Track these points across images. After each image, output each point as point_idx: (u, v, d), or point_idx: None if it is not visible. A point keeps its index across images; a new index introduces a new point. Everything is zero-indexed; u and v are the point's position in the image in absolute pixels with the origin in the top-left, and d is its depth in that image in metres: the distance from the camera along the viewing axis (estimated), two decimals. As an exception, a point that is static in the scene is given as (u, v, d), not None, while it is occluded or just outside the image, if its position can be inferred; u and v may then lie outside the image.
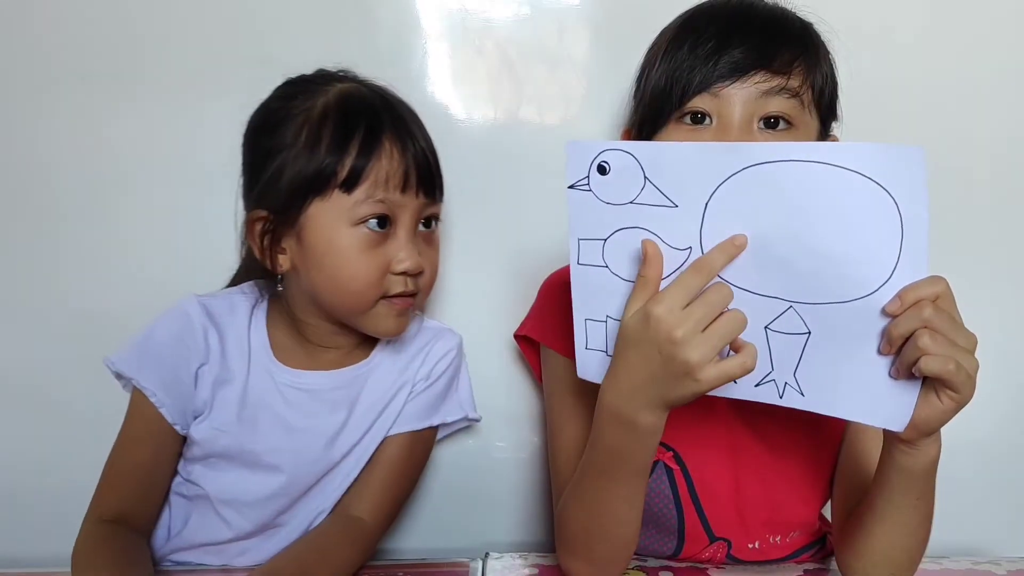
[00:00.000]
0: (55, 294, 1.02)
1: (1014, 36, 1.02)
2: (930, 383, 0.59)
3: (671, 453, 0.84)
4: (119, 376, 0.83)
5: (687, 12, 0.79)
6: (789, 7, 0.79)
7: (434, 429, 0.91)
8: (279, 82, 0.98)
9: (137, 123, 1.00)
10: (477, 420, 0.95)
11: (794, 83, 0.72)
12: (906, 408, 0.61)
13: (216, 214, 1.00)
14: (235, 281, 0.93)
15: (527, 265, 1.00)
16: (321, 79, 0.83)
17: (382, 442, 0.87)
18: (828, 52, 0.79)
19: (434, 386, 0.89)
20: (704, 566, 0.86)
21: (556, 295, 0.87)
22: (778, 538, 0.87)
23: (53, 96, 0.99)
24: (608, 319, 0.66)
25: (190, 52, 0.99)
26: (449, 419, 0.90)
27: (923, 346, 0.57)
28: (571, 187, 0.64)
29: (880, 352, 0.60)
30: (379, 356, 0.89)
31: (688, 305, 0.59)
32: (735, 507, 0.85)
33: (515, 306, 1.00)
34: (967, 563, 0.87)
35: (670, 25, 0.80)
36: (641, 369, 0.62)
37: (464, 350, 0.95)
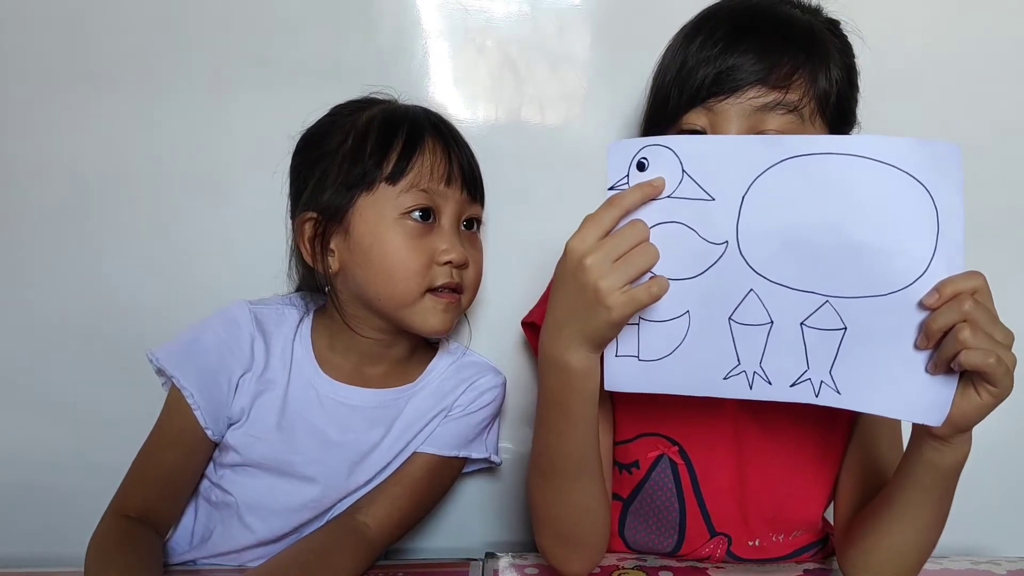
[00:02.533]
0: (59, 293, 1.02)
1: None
2: (968, 378, 0.60)
3: (676, 448, 0.84)
4: (160, 372, 0.84)
5: (703, 12, 0.77)
6: (808, 6, 0.78)
7: (461, 461, 0.91)
8: (279, 81, 0.98)
9: (139, 124, 1.00)
10: (498, 464, 0.95)
11: (792, 97, 0.71)
12: (944, 403, 0.61)
13: (222, 213, 1.01)
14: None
15: (529, 264, 1.00)
16: (366, 101, 0.87)
17: (410, 456, 0.87)
18: (845, 55, 0.77)
19: (471, 417, 0.90)
20: (704, 565, 0.86)
21: None
22: (780, 536, 0.87)
23: (60, 97, 0.99)
24: (641, 320, 0.65)
25: (190, 53, 0.99)
26: (474, 455, 0.91)
27: (963, 339, 0.57)
28: (611, 188, 0.64)
29: (917, 347, 0.60)
30: (424, 381, 0.90)
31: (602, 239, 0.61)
32: (737, 502, 0.85)
33: (516, 305, 1.00)
34: (967, 563, 0.88)
35: (685, 25, 0.78)
36: (563, 305, 0.63)
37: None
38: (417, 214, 0.80)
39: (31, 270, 1.02)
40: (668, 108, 0.74)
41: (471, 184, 0.85)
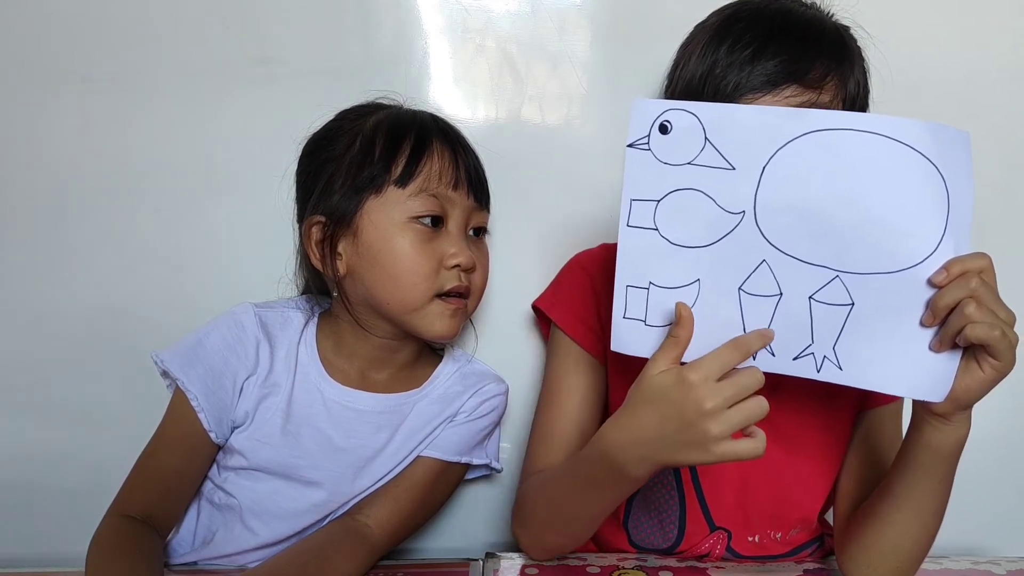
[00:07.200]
0: (59, 293, 1.02)
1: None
2: (971, 354, 0.61)
3: None
4: (165, 375, 0.84)
5: (726, 10, 0.78)
6: (827, 7, 0.78)
7: (463, 468, 0.91)
8: (280, 81, 0.98)
9: (138, 123, 0.99)
10: (499, 471, 0.95)
11: (824, 98, 0.72)
12: (946, 379, 0.62)
13: (221, 213, 1.01)
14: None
15: (530, 263, 1.00)
16: (372, 106, 0.87)
17: (413, 460, 0.87)
18: (863, 58, 0.78)
19: (475, 423, 0.89)
20: (704, 565, 0.86)
21: (577, 276, 0.90)
22: (779, 534, 0.87)
23: (58, 97, 0.98)
24: (651, 285, 0.66)
25: (189, 53, 0.98)
26: (475, 462, 0.90)
27: (969, 314, 0.58)
28: (630, 146, 0.65)
29: (923, 324, 0.62)
30: (430, 387, 0.90)
31: (721, 379, 0.61)
32: (738, 496, 0.85)
33: (515, 304, 1.00)
34: (967, 563, 0.88)
35: (708, 22, 0.78)
36: (653, 427, 0.63)
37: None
38: (426, 220, 0.80)
39: (30, 272, 1.01)
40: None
41: (478, 189, 0.85)
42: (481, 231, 0.88)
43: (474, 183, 0.84)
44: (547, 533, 0.81)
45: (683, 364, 0.63)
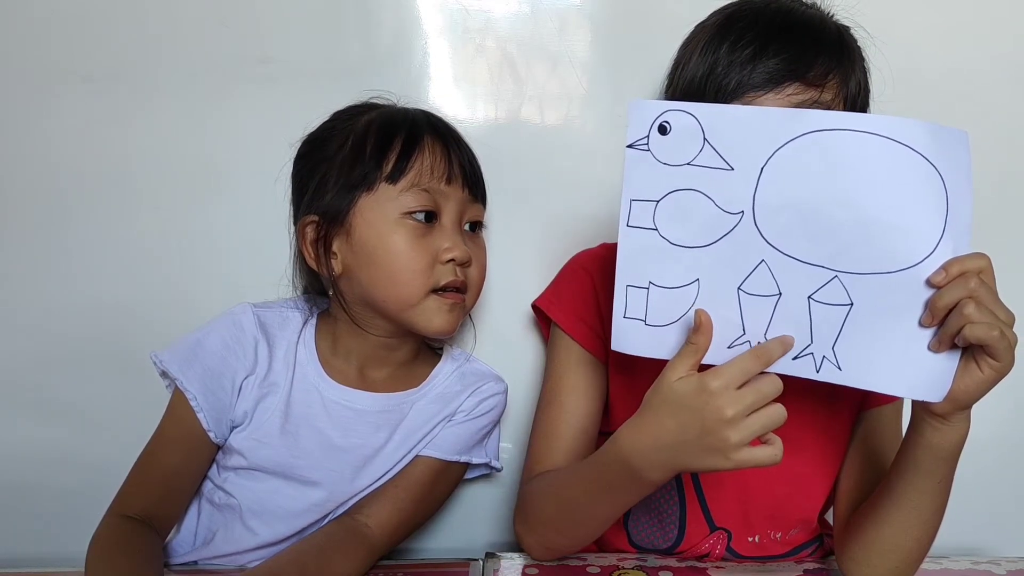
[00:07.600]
0: (59, 293, 1.02)
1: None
2: (970, 354, 0.61)
3: None
4: (164, 374, 0.84)
5: (727, 9, 0.78)
6: (827, 8, 0.79)
7: (463, 467, 0.91)
8: (280, 81, 0.98)
9: (138, 123, 1.00)
10: (499, 470, 0.95)
11: (826, 96, 0.72)
12: (945, 379, 0.62)
13: (222, 213, 1.01)
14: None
15: (530, 263, 1.00)
16: (365, 105, 0.87)
17: (412, 459, 0.87)
18: (863, 59, 0.78)
19: (474, 422, 0.89)
20: (704, 565, 0.86)
21: (577, 275, 0.90)
22: (779, 534, 0.87)
23: (57, 97, 0.99)
24: (651, 285, 0.66)
25: (190, 52, 0.98)
26: (475, 461, 0.90)
27: (968, 314, 0.58)
28: (629, 146, 0.65)
29: (922, 324, 0.62)
30: (428, 386, 0.90)
31: (741, 387, 0.61)
32: (739, 497, 0.85)
33: (515, 304, 1.00)
34: (967, 563, 0.87)
35: (709, 22, 0.78)
36: (673, 433, 0.63)
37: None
38: (420, 215, 0.80)
39: (30, 272, 1.01)
40: (704, 100, 0.74)
41: (472, 183, 0.85)
42: (477, 225, 0.87)
43: (468, 176, 0.84)
44: (553, 534, 0.80)
45: (702, 369, 0.63)
